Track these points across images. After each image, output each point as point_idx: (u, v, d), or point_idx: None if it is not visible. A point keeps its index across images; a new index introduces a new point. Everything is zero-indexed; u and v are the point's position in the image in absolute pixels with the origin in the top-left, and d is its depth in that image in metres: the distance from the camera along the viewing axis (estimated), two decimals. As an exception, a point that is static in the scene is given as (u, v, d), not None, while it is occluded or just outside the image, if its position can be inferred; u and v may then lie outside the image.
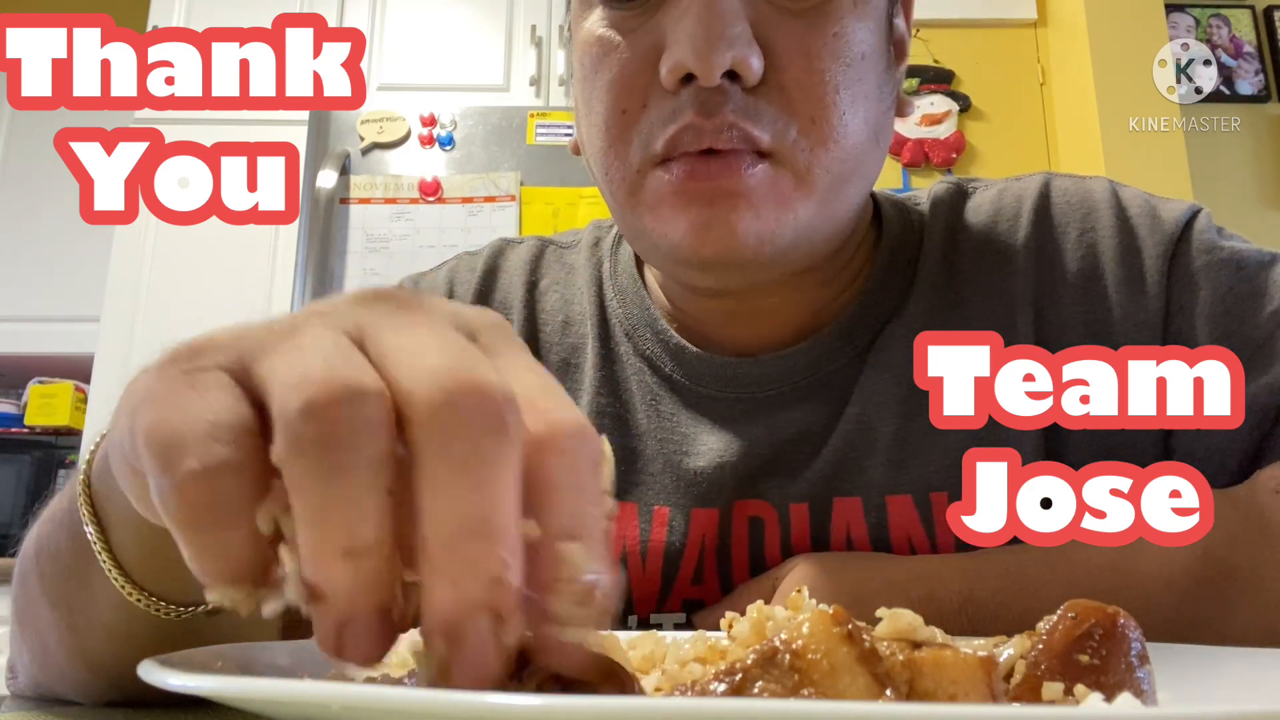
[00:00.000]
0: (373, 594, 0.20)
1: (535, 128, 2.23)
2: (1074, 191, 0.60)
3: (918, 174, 2.39)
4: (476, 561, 0.20)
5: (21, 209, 2.67)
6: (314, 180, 2.12)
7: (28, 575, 0.43)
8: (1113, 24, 2.24)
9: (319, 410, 0.20)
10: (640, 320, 0.63)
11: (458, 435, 0.20)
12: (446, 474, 0.20)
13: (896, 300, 0.59)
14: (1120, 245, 0.57)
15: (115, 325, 2.22)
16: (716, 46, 0.47)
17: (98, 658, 0.41)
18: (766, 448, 0.57)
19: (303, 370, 0.21)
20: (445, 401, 0.20)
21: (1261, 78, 2.53)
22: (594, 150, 0.55)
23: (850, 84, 0.51)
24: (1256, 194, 2.45)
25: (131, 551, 0.37)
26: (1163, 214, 0.58)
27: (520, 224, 2.16)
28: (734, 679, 0.22)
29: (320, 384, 0.20)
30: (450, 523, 0.20)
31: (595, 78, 0.53)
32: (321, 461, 0.20)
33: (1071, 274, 0.57)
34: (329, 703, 0.20)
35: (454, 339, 0.23)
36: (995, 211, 0.61)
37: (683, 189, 0.50)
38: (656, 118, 0.51)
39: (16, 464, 2.51)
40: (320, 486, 0.20)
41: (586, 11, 0.55)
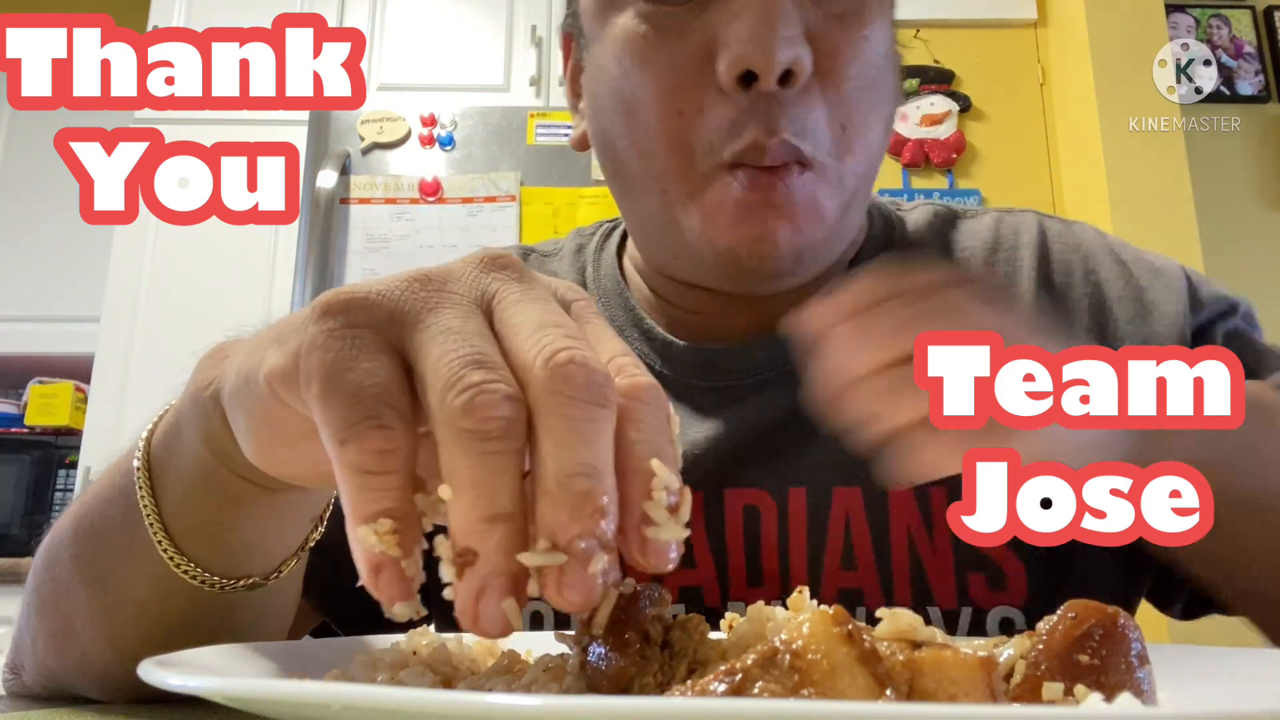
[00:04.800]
0: (512, 554, 0.25)
1: (535, 128, 2.23)
2: (1067, 234, 0.64)
3: (918, 174, 2.39)
4: (588, 493, 0.25)
5: (21, 209, 2.67)
6: (314, 180, 2.12)
7: (58, 558, 0.44)
8: (1113, 24, 2.23)
9: (476, 411, 0.25)
10: (625, 321, 0.64)
11: (574, 401, 0.25)
12: (563, 430, 0.25)
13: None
14: (1125, 286, 0.61)
15: (115, 325, 2.22)
16: (779, 45, 0.49)
17: (126, 639, 0.42)
18: (755, 432, 0.58)
19: (458, 368, 0.26)
20: (564, 376, 0.25)
21: (1261, 78, 2.53)
22: (639, 150, 0.55)
23: (874, 85, 0.54)
24: (1256, 194, 2.45)
25: (184, 521, 0.39)
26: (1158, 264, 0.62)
27: (520, 224, 2.16)
28: (734, 679, 0.22)
29: (477, 389, 0.25)
30: (567, 466, 0.25)
31: (641, 78, 0.53)
32: (474, 448, 0.25)
33: (1078, 307, 0.60)
34: (329, 702, 0.20)
35: (559, 316, 0.28)
36: (994, 239, 0.64)
37: (744, 200, 0.52)
38: (716, 126, 0.51)
39: (16, 464, 2.50)
40: (473, 464, 0.25)
41: (614, 10, 0.55)
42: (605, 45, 0.56)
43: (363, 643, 0.38)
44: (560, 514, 0.25)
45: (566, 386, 0.25)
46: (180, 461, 0.39)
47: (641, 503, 0.26)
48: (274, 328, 0.32)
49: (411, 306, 0.28)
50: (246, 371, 0.32)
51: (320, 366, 0.27)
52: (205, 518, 0.39)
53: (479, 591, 0.25)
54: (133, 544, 0.40)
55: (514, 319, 0.28)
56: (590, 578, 0.25)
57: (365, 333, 0.27)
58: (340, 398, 0.26)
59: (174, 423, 0.39)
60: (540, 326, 0.27)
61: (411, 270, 0.30)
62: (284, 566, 0.42)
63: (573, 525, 0.25)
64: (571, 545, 0.25)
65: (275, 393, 0.30)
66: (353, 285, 0.29)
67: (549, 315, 0.28)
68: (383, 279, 0.29)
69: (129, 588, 0.42)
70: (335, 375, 0.27)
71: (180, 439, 0.39)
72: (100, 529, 0.42)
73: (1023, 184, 2.38)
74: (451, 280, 0.29)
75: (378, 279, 0.29)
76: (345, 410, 0.26)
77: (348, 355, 0.27)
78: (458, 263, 0.30)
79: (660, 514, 0.26)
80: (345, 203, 2.16)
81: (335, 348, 0.27)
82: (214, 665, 0.30)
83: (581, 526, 0.25)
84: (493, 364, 0.26)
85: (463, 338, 0.27)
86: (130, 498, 0.40)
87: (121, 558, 0.41)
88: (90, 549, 0.43)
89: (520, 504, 0.25)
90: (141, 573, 0.41)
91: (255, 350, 0.32)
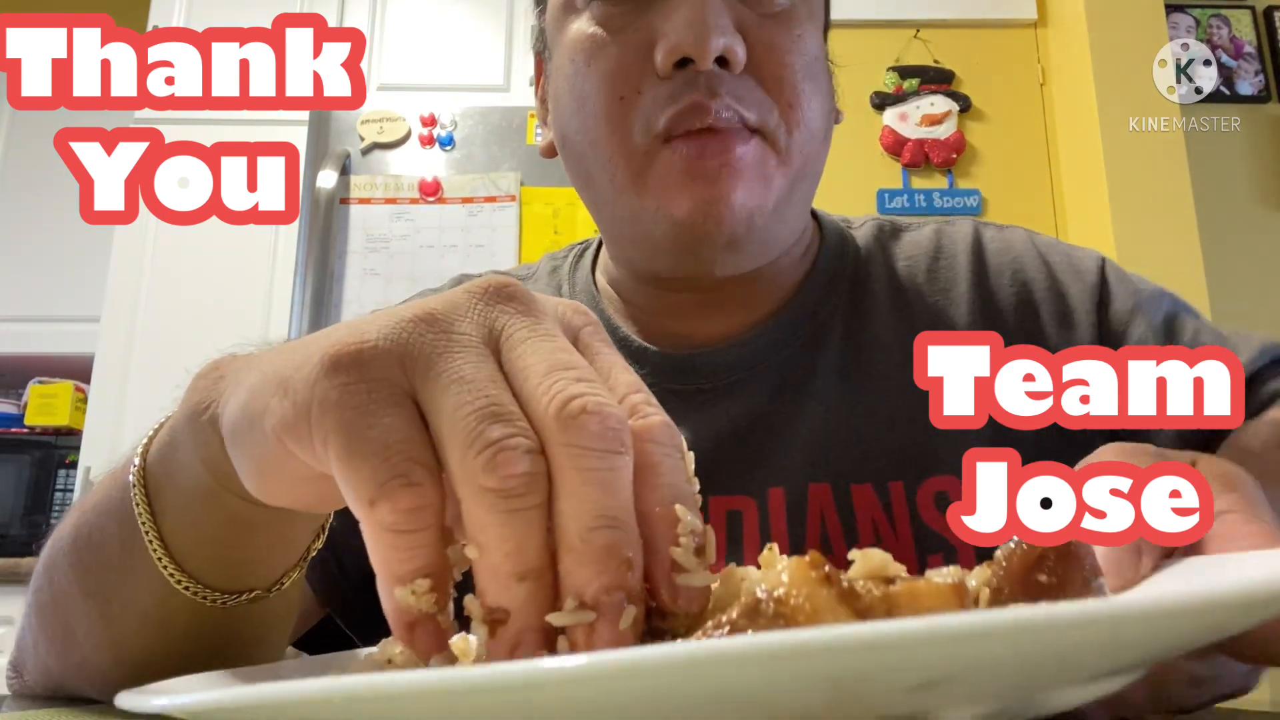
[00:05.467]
0: (542, 610, 0.25)
1: (535, 128, 2.23)
2: (999, 239, 0.68)
3: (918, 174, 2.39)
4: (612, 546, 0.25)
5: (21, 209, 2.67)
6: (314, 180, 2.12)
7: (57, 565, 0.44)
8: (1113, 24, 2.23)
9: (498, 470, 0.25)
10: None
11: (589, 451, 0.25)
12: (581, 483, 0.25)
13: (839, 299, 0.65)
14: (1049, 288, 0.64)
15: (115, 325, 2.22)
16: (712, 33, 0.53)
17: (128, 648, 0.41)
18: (731, 435, 0.59)
19: (474, 422, 0.25)
20: (578, 427, 0.25)
21: (1261, 78, 2.53)
22: (589, 140, 0.58)
23: (811, 79, 0.58)
24: (1256, 194, 2.45)
25: (184, 538, 0.39)
26: (1079, 262, 0.66)
27: (520, 224, 2.16)
28: (722, 633, 0.22)
29: (497, 447, 0.25)
30: (588, 520, 0.25)
31: (589, 71, 0.58)
32: (499, 506, 0.25)
33: (1008, 310, 0.63)
34: (331, 698, 0.20)
35: (568, 355, 0.28)
36: (935, 248, 0.67)
37: (689, 167, 0.55)
38: (653, 101, 0.55)
39: (16, 464, 2.51)
40: (498, 522, 0.25)
41: (570, 16, 0.60)
42: (562, 50, 0.61)
43: (337, 658, 0.38)
44: (586, 570, 0.25)
45: (581, 437, 0.25)
46: (178, 481, 0.38)
47: (669, 546, 0.26)
48: (274, 363, 0.31)
49: (420, 352, 0.27)
50: (250, 415, 0.31)
51: (338, 426, 0.26)
52: (205, 535, 0.38)
53: (513, 649, 0.25)
54: (132, 558, 0.39)
55: (522, 360, 0.27)
56: (621, 635, 0.25)
57: (380, 385, 0.27)
58: (365, 458, 0.26)
59: (170, 442, 0.38)
60: (550, 371, 0.27)
61: (413, 307, 0.29)
62: (286, 578, 0.42)
63: (598, 580, 0.24)
64: (599, 601, 0.24)
65: (284, 445, 0.29)
66: (355, 329, 0.28)
67: (558, 355, 0.28)
68: (383, 318, 0.28)
69: (132, 599, 0.41)
70: (356, 434, 0.26)
71: (178, 459, 0.38)
72: (98, 541, 0.42)
73: (1023, 184, 2.38)
74: (456, 319, 0.28)
75: (377, 317, 0.29)
76: (373, 470, 0.26)
77: (366, 412, 0.26)
78: (460, 294, 0.29)
79: (689, 560, 0.26)
80: (345, 203, 2.16)
81: (351, 404, 0.27)
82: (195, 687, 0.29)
83: (608, 580, 0.24)
84: (509, 415, 0.26)
85: (476, 388, 0.26)
86: (127, 512, 0.39)
87: (121, 571, 0.41)
88: (89, 560, 0.42)
89: (547, 558, 0.25)
90: (142, 586, 0.40)
91: (257, 389, 0.31)
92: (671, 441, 0.28)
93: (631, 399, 0.28)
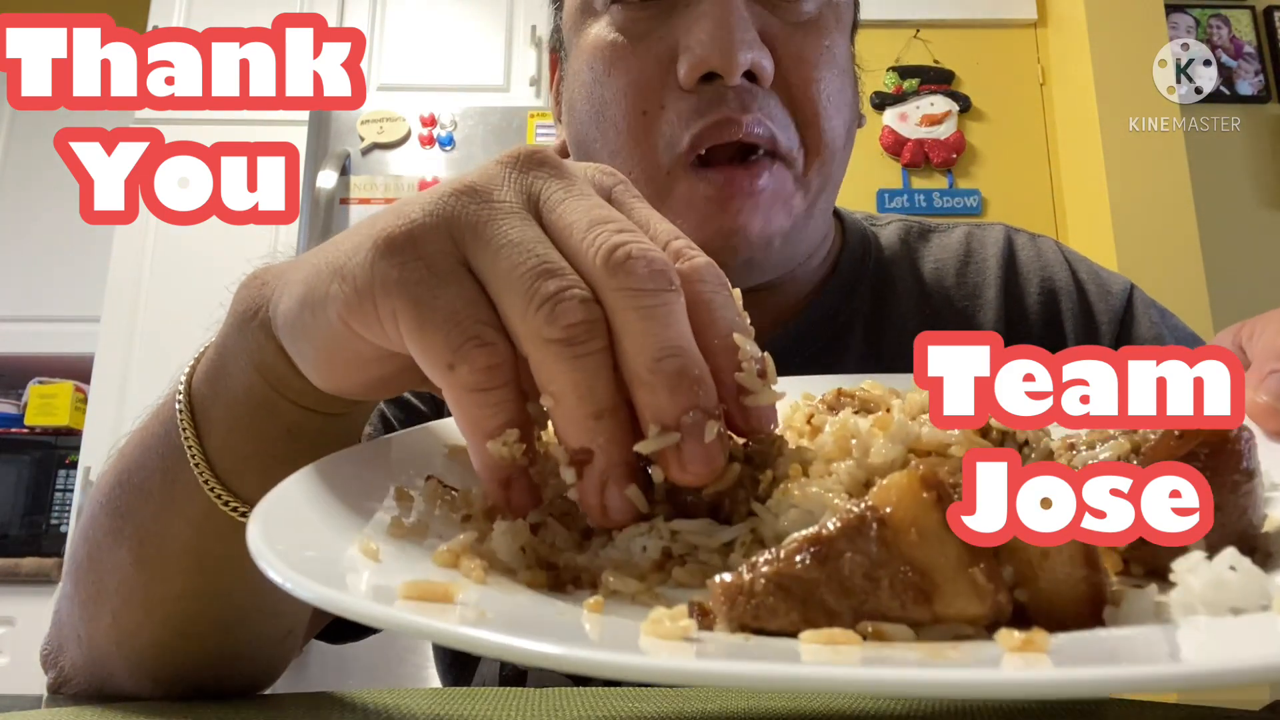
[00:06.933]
0: (625, 444, 0.26)
1: (535, 128, 2.23)
2: (1031, 246, 0.68)
3: (918, 174, 2.39)
4: (682, 370, 0.26)
5: (21, 209, 2.67)
6: (314, 180, 2.12)
7: (94, 518, 0.44)
8: (1113, 24, 2.24)
9: (558, 320, 0.26)
10: None
11: (642, 292, 0.27)
12: (639, 320, 0.27)
13: (860, 301, 0.65)
14: (1076, 300, 0.65)
15: (115, 325, 2.22)
16: (739, 47, 0.52)
17: (158, 594, 0.42)
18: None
19: (530, 280, 0.27)
20: (627, 271, 0.27)
21: (1261, 78, 2.53)
22: (609, 151, 0.58)
23: (836, 91, 0.57)
24: (1256, 194, 2.45)
25: (232, 455, 0.39)
26: (1108, 283, 0.66)
27: (520, 224, 2.16)
28: (820, 550, 0.22)
29: (554, 300, 0.26)
30: (653, 351, 0.26)
31: (609, 81, 0.57)
32: (565, 354, 0.26)
33: (1034, 317, 0.64)
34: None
35: (605, 210, 0.29)
36: (966, 252, 0.68)
37: (714, 196, 0.54)
38: (677, 116, 0.55)
39: (16, 464, 2.50)
40: (567, 369, 0.26)
41: (590, 19, 0.59)
42: (580, 53, 0.60)
43: (436, 432, 0.38)
44: (660, 397, 0.26)
45: (631, 280, 0.27)
46: (229, 395, 0.38)
47: (733, 374, 0.28)
48: (323, 256, 0.32)
49: (466, 222, 0.29)
50: (311, 305, 0.32)
51: (406, 302, 0.28)
52: (252, 451, 0.39)
53: (602, 485, 0.26)
54: (173, 487, 0.40)
55: (564, 219, 0.29)
56: (709, 447, 0.26)
57: (436, 258, 0.28)
58: (436, 327, 0.27)
59: (218, 357, 0.39)
60: (591, 225, 0.28)
61: (451, 183, 0.30)
62: None
63: (675, 403, 0.26)
64: (681, 423, 0.26)
65: (349, 327, 0.30)
66: (398, 213, 0.30)
67: (596, 211, 0.29)
68: (424, 197, 0.30)
69: (166, 535, 0.41)
70: (424, 306, 0.28)
71: (227, 372, 0.38)
72: (138, 480, 0.42)
73: (1023, 184, 2.38)
74: (494, 188, 0.30)
75: (418, 197, 0.30)
76: (445, 337, 0.27)
77: (429, 285, 0.28)
78: (493, 165, 0.31)
79: (754, 382, 0.28)
80: (345, 203, 2.16)
81: (414, 280, 0.28)
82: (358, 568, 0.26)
83: (684, 402, 0.26)
84: (560, 270, 0.27)
85: (525, 248, 0.28)
86: (171, 440, 0.39)
87: (160, 504, 0.41)
88: (128, 501, 0.42)
89: (619, 397, 0.27)
90: (181, 516, 0.40)
91: (313, 281, 0.32)
92: (718, 279, 0.29)
93: (674, 244, 0.29)
